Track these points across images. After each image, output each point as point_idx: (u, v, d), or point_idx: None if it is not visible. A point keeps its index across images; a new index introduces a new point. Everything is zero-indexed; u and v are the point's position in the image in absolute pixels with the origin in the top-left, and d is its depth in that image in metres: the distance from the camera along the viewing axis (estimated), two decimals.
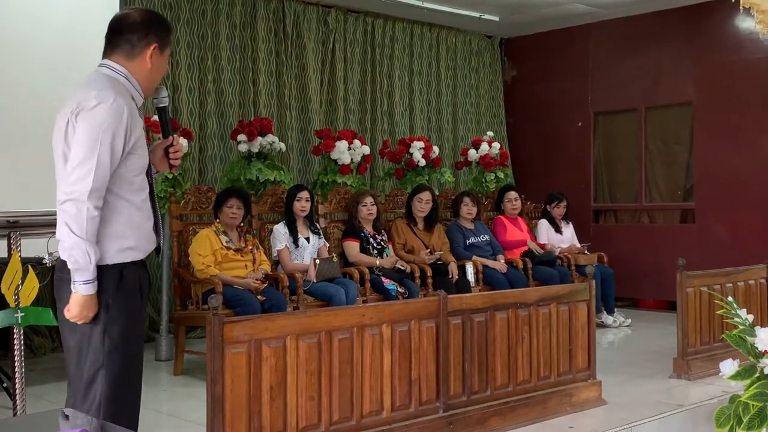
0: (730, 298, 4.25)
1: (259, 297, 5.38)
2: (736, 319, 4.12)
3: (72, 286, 2.48)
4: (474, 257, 6.99)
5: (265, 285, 5.56)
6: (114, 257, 2.56)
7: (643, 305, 8.91)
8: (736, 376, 3.98)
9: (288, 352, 3.41)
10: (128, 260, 2.60)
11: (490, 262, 7.04)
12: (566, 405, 4.54)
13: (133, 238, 2.60)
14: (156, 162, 2.83)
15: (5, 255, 3.59)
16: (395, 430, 3.77)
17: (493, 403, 4.19)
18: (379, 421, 3.73)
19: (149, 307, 6.92)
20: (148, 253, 2.73)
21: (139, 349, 2.70)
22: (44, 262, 3.56)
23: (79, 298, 2.48)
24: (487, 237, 7.37)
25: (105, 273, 2.55)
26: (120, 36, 2.68)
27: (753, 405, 3.84)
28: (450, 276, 6.62)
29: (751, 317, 4.13)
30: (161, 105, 2.87)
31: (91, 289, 2.48)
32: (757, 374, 3.95)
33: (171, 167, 2.89)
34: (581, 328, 4.70)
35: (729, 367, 4.01)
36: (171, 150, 2.83)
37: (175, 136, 2.89)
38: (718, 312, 4.40)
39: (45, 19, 5.08)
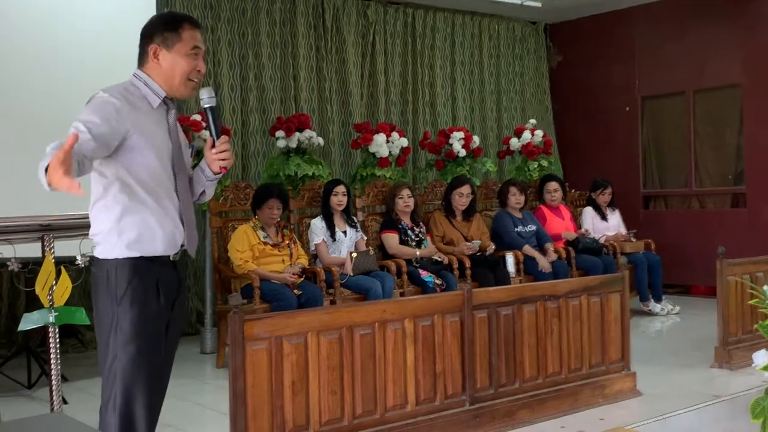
0: (765, 287, 4.15)
1: (295, 291, 5.47)
2: None
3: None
4: (527, 245, 6.98)
5: (302, 279, 5.65)
6: (124, 251, 2.64)
7: (695, 292, 8.75)
8: None
9: (309, 348, 3.48)
10: (137, 254, 2.65)
11: (537, 256, 6.98)
12: (599, 397, 4.52)
13: (138, 233, 2.64)
14: (209, 163, 2.84)
15: (40, 254, 3.72)
16: (420, 424, 3.81)
17: (521, 396, 4.20)
18: (403, 415, 3.77)
19: (197, 302, 7.09)
20: (168, 252, 2.74)
21: (155, 344, 2.69)
22: (77, 262, 3.70)
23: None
24: (534, 227, 7.32)
25: (117, 267, 2.63)
26: (139, 46, 2.80)
27: None
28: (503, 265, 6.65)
29: None
30: (205, 106, 2.85)
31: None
32: None
33: (221, 168, 2.83)
34: (614, 320, 4.66)
35: (762, 357, 3.93)
36: (213, 152, 2.80)
37: (221, 138, 2.82)
38: (750, 302, 4.30)
39: (78, 23, 5.22)
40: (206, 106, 2.83)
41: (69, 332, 6.33)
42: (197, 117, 6.09)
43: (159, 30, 2.76)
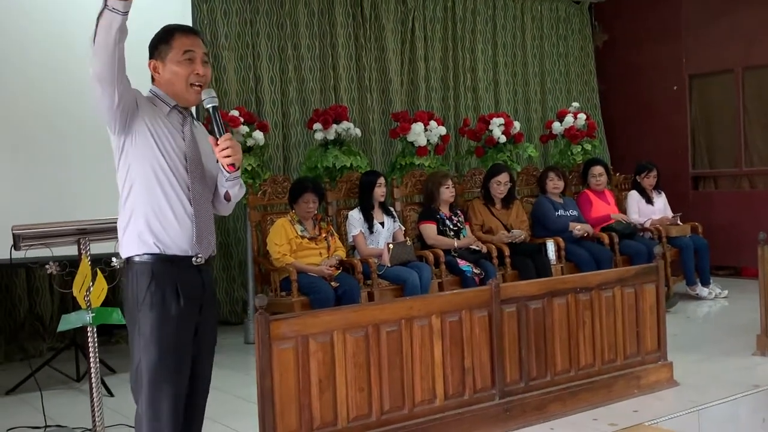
0: None
1: (332, 283, 5.56)
2: None
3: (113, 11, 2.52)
4: (571, 222, 6.99)
5: (339, 271, 5.73)
6: (141, 248, 2.74)
7: (746, 274, 8.56)
8: None
9: (335, 346, 3.55)
10: (152, 251, 2.73)
11: (579, 225, 7.00)
12: (633, 388, 4.50)
13: (155, 229, 2.74)
14: (220, 162, 2.87)
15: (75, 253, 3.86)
16: (449, 418, 3.85)
17: (553, 389, 4.21)
18: (432, 410, 3.82)
19: (242, 291, 7.23)
20: (181, 253, 2.78)
21: (176, 346, 2.75)
22: (113, 264, 3.81)
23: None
24: (575, 212, 7.29)
25: (138, 272, 2.74)
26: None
27: None
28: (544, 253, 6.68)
29: None
30: (208, 105, 2.87)
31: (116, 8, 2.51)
32: None
33: (228, 166, 2.82)
34: (649, 310, 4.63)
35: None
36: (218, 150, 2.81)
37: (225, 135, 2.81)
38: None
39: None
40: (209, 105, 2.86)
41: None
42: (235, 113, 6.21)
43: (155, 45, 2.85)
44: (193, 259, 2.82)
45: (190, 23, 6.21)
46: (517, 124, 7.64)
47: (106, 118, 2.69)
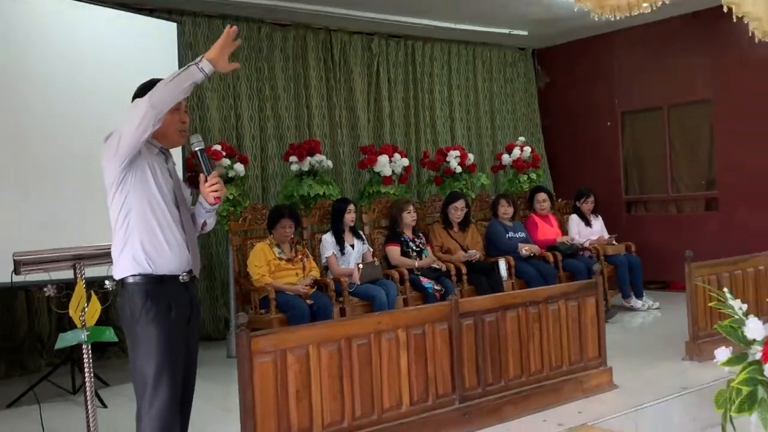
0: (725, 290, 4.12)
1: (307, 301, 5.50)
2: (729, 310, 4.00)
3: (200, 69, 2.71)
4: (520, 243, 6.99)
5: (314, 290, 5.68)
6: (136, 268, 2.79)
7: (674, 287, 8.65)
8: (729, 363, 3.86)
9: (311, 358, 3.49)
10: (147, 272, 2.78)
11: (525, 247, 7.01)
12: (578, 391, 4.49)
13: (146, 253, 2.79)
14: (204, 196, 2.97)
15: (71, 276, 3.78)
16: (414, 422, 3.80)
17: (506, 393, 4.19)
18: (398, 415, 3.78)
19: (224, 310, 7.12)
20: (175, 272, 2.86)
21: (175, 355, 2.81)
22: (106, 287, 3.74)
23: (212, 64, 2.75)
24: (523, 234, 7.33)
25: (133, 290, 2.79)
26: None
27: (743, 389, 3.74)
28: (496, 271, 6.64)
29: (744, 306, 4.01)
30: (196, 149, 2.97)
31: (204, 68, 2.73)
32: (748, 360, 3.84)
33: (215, 199, 2.94)
34: (590, 321, 4.64)
35: (723, 354, 3.90)
36: (207, 185, 2.93)
37: (213, 173, 2.93)
38: (710, 304, 4.27)
39: (105, 57, 5.16)
40: (197, 149, 2.95)
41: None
42: (218, 147, 6.16)
43: (143, 93, 2.85)
44: (180, 277, 2.90)
45: (177, 68, 6.15)
46: (471, 156, 7.69)
47: (129, 146, 2.72)
